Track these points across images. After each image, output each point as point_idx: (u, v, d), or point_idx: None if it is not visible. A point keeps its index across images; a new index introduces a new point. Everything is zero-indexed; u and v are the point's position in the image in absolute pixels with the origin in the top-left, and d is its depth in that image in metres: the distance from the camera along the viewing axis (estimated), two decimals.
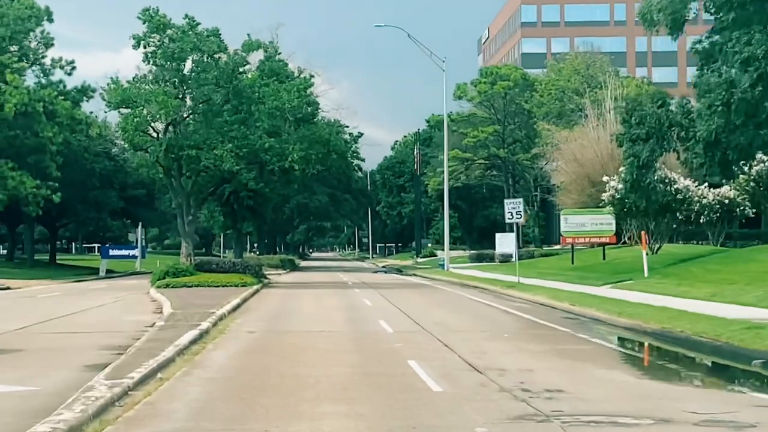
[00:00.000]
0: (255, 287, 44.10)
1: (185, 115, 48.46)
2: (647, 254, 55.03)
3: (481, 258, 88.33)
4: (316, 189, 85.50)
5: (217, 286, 43.56)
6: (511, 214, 45.97)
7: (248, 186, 51.06)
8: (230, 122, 46.63)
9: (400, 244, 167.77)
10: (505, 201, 46.71)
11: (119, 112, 46.47)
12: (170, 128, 47.88)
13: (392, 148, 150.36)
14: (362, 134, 50.88)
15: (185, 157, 46.14)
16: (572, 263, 60.63)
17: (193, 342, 20.73)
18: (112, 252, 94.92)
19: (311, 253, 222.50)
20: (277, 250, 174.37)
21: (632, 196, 47.08)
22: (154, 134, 47.37)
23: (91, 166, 78.80)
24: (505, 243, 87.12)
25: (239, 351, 20.12)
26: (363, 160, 50.09)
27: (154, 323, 25.16)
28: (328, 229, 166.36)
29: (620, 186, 55.71)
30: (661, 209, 51.01)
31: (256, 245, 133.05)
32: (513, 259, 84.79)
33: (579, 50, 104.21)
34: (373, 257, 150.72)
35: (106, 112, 52.26)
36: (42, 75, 71.75)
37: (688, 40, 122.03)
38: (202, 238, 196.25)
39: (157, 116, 44.69)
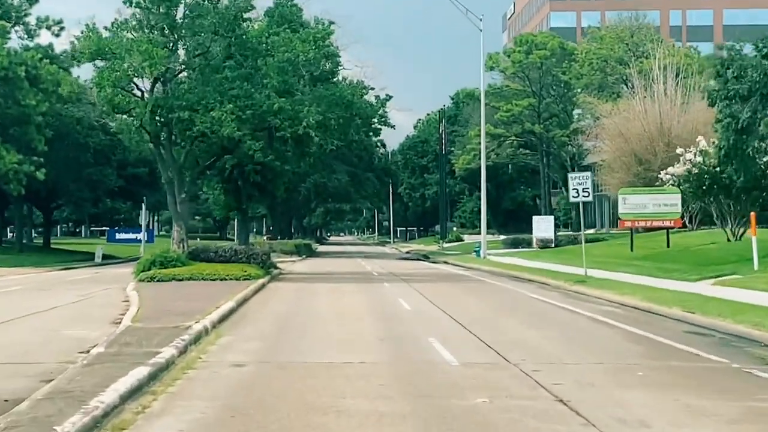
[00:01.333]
0: (260, 281, 35.38)
1: (177, 70, 39.64)
2: (737, 240, 46.11)
3: (516, 243, 79.37)
4: (335, 167, 76.67)
5: (213, 280, 34.95)
6: (577, 191, 37.03)
7: (255, 158, 42.28)
8: (231, 78, 37.74)
9: (421, 228, 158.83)
10: (570, 175, 37.84)
11: (94, 65, 37.76)
12: (158, 86, 39.13)
13: (415, 127, 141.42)
14: (391, 97, 41.66)
15: (176, 120, 37.37)
16: (631, 250, 51.62)
17: (131, 395, 11.97)
18: (119, 236, 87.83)
19: (329, 237, 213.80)
20: (293, 234, 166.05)
21: (727, 168, 37.89)
22: (138, 93, 38.57)
23: (84, 141, 70.17)
24: (543, 227, 78.44)
25: (206, 419, 11.25)
26: (393, 126, 41.02)
27: (96, 345, 16.43)
28: (347, 212, 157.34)
29: (698, 158, 46.73)
30: (751, 185, 41.85)
31: (271, 228, 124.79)
32: (552, 245, 76.29)
33: (609, 24, 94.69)
34: (394, 241, 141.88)
35: (78, 64, 43.29)
36: (26, 36, 62.87)
37: (724, 14, 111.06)
38: (217, 221, 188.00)
39: (141, 70, 35.84)
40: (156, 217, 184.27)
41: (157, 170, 74.55)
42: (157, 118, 37.95)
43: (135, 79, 37.89)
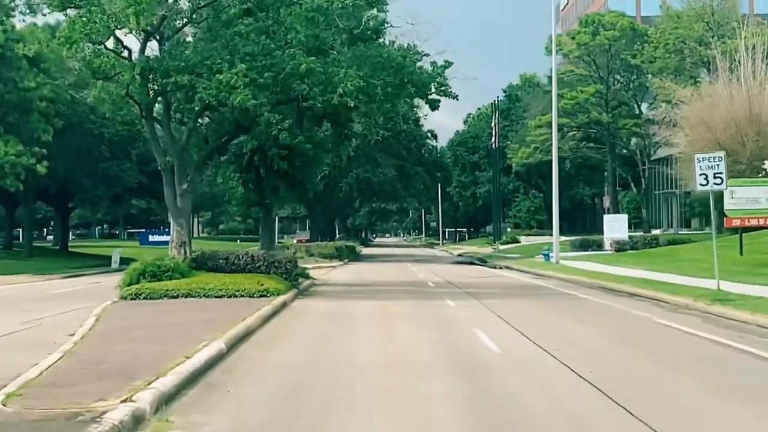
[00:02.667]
0: (281, 298, 26.00)
1: (177, 26, 30.27)
2: None
3: (585, 245, 69.36)
4: (380, 160, 67.21)
5: (219, 297, 25.76)
6: (706, 178, 27.15)
7: (280, 140, 32.95)
8: (246, 33, 28.31)
9: (471, 229, 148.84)
10: (696, 157, 27.90)
11: (66, 15, 28.53)
12: (153, 46, 29.98)
13: (465, 122, 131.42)
14: (451, 63, 31.70)
15: (171, 86, 27.98)
16: (741, 254, 41.74)
17: None
18: (152, 237, 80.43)
19: (374, 238, 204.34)
20: (336, 236, 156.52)
21: None
22: (126, 54, 29.28)
23: (99, 131, 61.22)
24: (616, 227, 68.57)
25: None
26: (456, 98, 30.90)
27: None
28: (393, 212, 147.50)
29: None
30: None
31: (309, 229, 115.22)
32: (628, 247, 66.33)
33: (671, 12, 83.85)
34: (443, 243, 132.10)
35: (43, 14, 34.30)
36: (27, 10, 53.85)
37: None
38: (256, 220, 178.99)
39: (125, 20, 26.52)
40: (197, 218, 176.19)
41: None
42: (150, 85, 28.62)
43: (120, 34, 28.57)
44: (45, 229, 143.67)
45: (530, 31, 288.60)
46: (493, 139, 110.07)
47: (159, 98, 30.13)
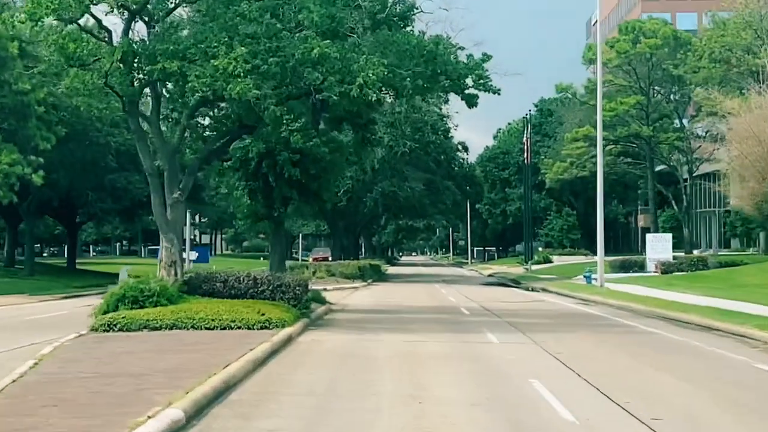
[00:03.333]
0: (285, 332, 21.04)
1: (171, 5, 25.37)
2: None
3: (627, 266, 63.86)
4: (407, 173, 62.19)
5: (210, 329, 20.99)
6: None
7: (292, 143, 28.03)
8: (248, 13, 23.39)
9: (500, 248, 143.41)
10: None
11: None
12: (139, 28, 25.15)
13: (494, 137, 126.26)
14: (490, 57, 26.56)
15: (159, 74, 23.10)
16: None
17: None
18: None
19: (400, 257, 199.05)
20: (361, 254, 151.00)
21: None
22: (106, 37, 24.43)
23: (105, 140, 56.56)
24: (660, 247, 63.06)
25: None
26: (497, 92, 25.97)
27: None
28: (420, 230, 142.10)
29: None
30: None
31: (331, 247, 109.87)
32: (674, 269, 61.00)
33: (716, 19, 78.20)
34: (471, 262, 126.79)
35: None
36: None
37: None
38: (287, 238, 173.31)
39: None
40: (220, 235, 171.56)
41: (201, 181, 61.50)
42: (134, 74, 23.77)
43: (99, 13, 23.76)
44: (64, 245, 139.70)
45: (561, 46, 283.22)
46: (525, 154, 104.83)
47: (147, 90, 25.31)
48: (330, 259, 65.35)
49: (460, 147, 68.55)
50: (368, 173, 61.39)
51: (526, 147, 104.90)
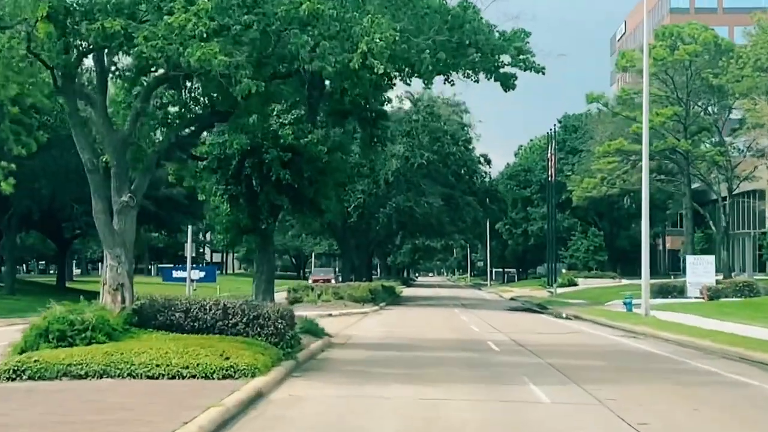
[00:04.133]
0: (255, 383, 15.15)
1: None
2: None
3: (665, 291, 57.58)
4: (424, 187, 56.13)
5: (153, 378, 15.33)
6: None
7: (282, 139, 22.16)
8: None
9: (520, 270, 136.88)
10: None
11: None
12: None
13: (515, 155, 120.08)
14: (529, 33, 20.53)
15: (97, 36, 17.23)
16: None
17: None
18: (176, 274, 70.23)
19: (416, 278, 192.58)
20: (375, 275, 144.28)
21: None
22: None
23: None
24: (701, 270, 56.74)
25: None
26: (542, 71, 20.09)
27: None
28: (437, 250, 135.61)
29: None
30: None
31: (338, 268, 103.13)
32: (720, 295, 54.84)
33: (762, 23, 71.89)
34: (490, 284, 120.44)
35: None
36: None
37: None
38: (296, 257, 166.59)
39: None
40: (232, 253, 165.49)
41: (194, 191, 55.78)
42: (67, 37, 17.91)
43: None
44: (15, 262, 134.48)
45: (582, 65, 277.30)
46: (549, 171, 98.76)
47: (88, 60, 19.49)
48: (333, 281, 59.24)
49: (482, 159, 62.39)
50: (381, 186, 55.41)
51: (550, 164, 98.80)
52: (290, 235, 78.62)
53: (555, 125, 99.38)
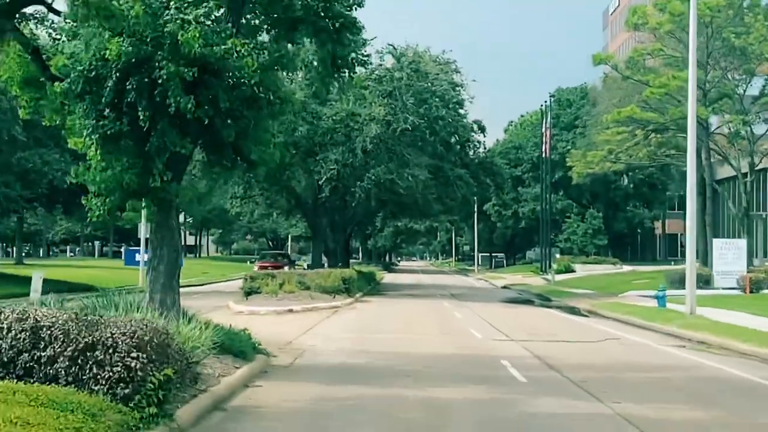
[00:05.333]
0: None
1: None
2: None
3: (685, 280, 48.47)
4: (408, 157, 46.87)
5: None
6: None
7: (181, 46, 13.13)
8: None
9: (508, 254, 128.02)
10: None
11: None
12: None
13: (505, 131, 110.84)
14: None
15: None
16: None
17: None
18: (139, 257, 61.52)
19: (399, 262, 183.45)
20: (358, 258, 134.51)
21: None
22: None
23: (9, 105, 41.36)
24: (731, 256, 47.76)
25: None
26: None
27: None
28: (421, 233, 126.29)
29: None
30: None
31: (301, 252, 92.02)
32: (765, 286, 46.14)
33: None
34: (477, 269, 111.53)
35: None
36: None
37: None
38: (274, 240, 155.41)
39: None
40: (207, 235, 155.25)
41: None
42: None
43: None
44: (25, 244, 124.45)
45: (572, 40, 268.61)
46: (543, 147, 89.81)
47: None
48: (286, 267, 49.75)
49: (475, 127, 53.05)
50: (359, 156, 46.13)
51: (544, 139, 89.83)
52: (258, 214, 69.15)
53: (549, 99, 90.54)
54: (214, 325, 15.03)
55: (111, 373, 9.55)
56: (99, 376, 9.53)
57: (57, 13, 15.75)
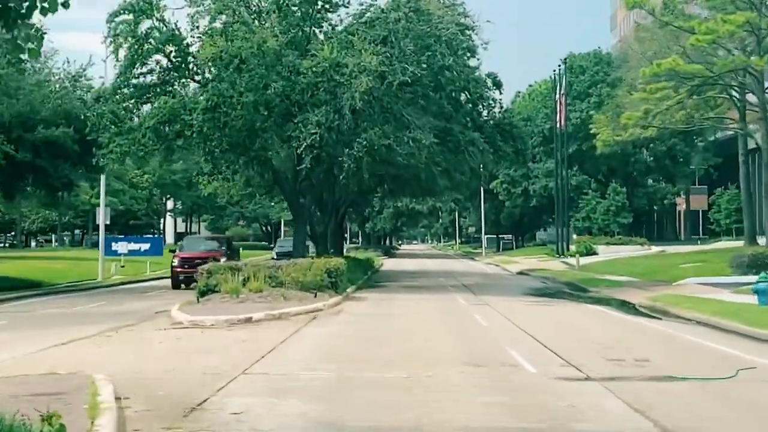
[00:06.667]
0: None
1: None
2: None
3: (754, 264, 38.43)
4: (409, 118, 36.82)
5: None
6: None
7: None
8: None
9: (516, 236, 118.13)
10: None
11: None
12: None
13: (513, 102, 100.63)
14: None
15: None
16: None
17: None
18: (116, 246, 54.62)
19: (400, 246, 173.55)
20: (357, 242, 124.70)
21: None
22: None
23: None
24: None
25: None
26: None
27: None
28: (423, 214, 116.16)
29: None
30: None
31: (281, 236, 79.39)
32: None
33: None
34: (484, 252, 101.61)
35: None
36: None
37: None
38: (267, 226, 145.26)
39: None
40: (198, 222, 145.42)
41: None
42: None
43: None
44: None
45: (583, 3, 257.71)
46: (558, 116, 79.78)
47: None
48: (223, 258, 39.28)
49: (489, 81, 42.84)
50: (347, 117, 36.04)
51: (558, 108, 79.91)
52: (238, 195, 59.43)
53: (560, 66, 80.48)
54: None
55: None
56: None
57: None
